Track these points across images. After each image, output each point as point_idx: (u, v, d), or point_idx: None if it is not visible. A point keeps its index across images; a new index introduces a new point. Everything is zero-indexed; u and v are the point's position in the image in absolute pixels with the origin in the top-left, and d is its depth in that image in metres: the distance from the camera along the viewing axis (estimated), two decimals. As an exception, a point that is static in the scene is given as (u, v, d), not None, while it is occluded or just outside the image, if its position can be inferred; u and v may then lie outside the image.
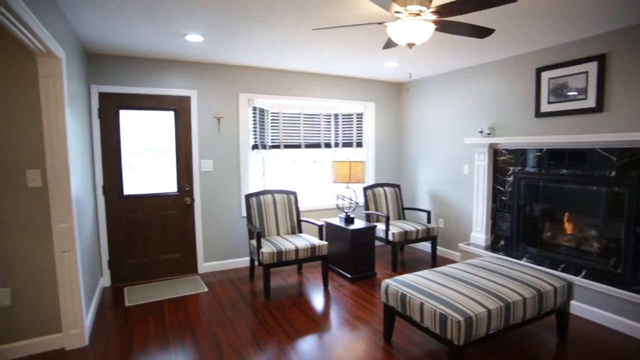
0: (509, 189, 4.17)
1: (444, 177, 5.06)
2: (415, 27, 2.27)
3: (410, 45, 2.39)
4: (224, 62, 4.34)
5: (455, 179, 4.89)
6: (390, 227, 4.53)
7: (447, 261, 4.85)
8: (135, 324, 3.19)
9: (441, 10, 2.24)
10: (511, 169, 4.13)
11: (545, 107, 3.81)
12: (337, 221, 4.45)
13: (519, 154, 4.03)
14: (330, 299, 3.71)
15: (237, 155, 4.58)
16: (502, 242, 4.28)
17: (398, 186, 5.28)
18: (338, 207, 4.83)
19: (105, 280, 4.07)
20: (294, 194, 4.45)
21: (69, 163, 2.73)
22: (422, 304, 2.44)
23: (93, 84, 3.88)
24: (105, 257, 4.04)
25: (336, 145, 5.39)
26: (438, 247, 5.18)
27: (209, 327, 3.14)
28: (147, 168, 4.24)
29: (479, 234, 4.42)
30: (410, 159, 5.64)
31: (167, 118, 4.25)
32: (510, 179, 4.15)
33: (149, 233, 4.21)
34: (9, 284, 2.66)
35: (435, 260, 4.81)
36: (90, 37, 3.39)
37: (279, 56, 4.12)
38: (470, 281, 2.70)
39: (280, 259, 3.68)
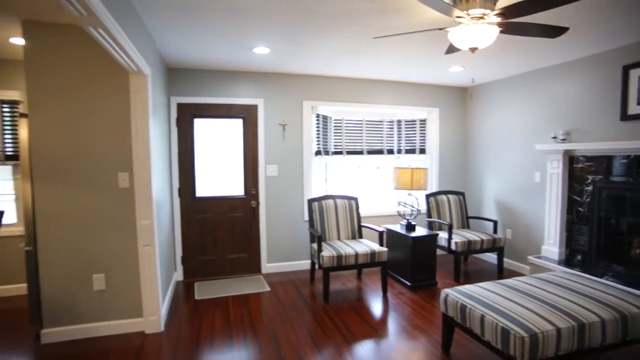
0: (587, 199, 3.84)
1: (512, 186, 4.79)
2: (478, 31, 2.22)
3: (473, 49, 2.33)
4: (289, 71, 4.54)
5: (524, 188, 4.60)
6: (453, 236, 4.38)
7: (514, 274, 4.57)
8: (204, 316, 3.44)
9: (506, 12, 2.17)
10: (590, 177, 3.80)
11: (634, 109, 3.46)
12: (398, 228, 4.41)
13: (601, 161, 3.70)
14: (388, 305, 3.68)
15: (300, 160, 4.75)
16: (579, 257, 3.94)
17: (462, 194, 5.09)
18: (399, 214, 4.79)
19: (178, 275, 4.44)
20: (355, 199, 4.50)
21: (152, 167, 3.06)
22: (482, 316, 2.35)
23: (172, 96, 4.28)
24: (179, 253, 4.41)
25: (399, 151, 5.34)
26: (505, 259, 4.89)
27: (270, 324, 3.29)
28: (217, 172, 4.56)
29: (552, 247, 4.11)
30: (475, 165, 5.41)
31: (236, 125, 4.55)
32: (589, 188, 3.81)
33: (217, 233, 4.51)
34: (104, 271, 3.05)
35: (501, 273, 4.56)
36: (171, 55, 3.75)
37: (342, 64, 4.22)
38: (538, 296, 2.54)
39: (340, 263, 3.74)
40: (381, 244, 4.05)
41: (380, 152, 5.24)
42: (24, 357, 2.80)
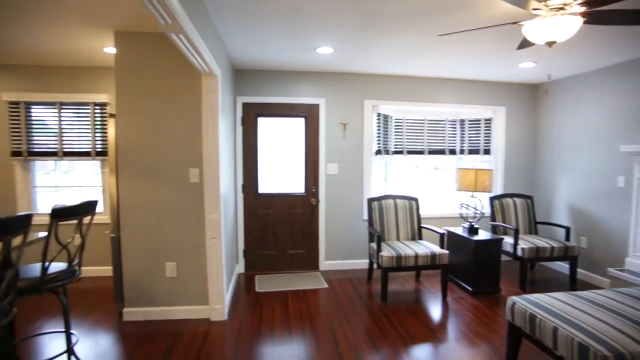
0: (682, 208, 3.43)
1: (589, 190, 4.41)
2: (558, 23, 2.08)
3: (551, 43, 2.19)
4: (351, 70, 4.56)
5: (605, 193, 4.22)
6: (520, 242, 4.14)
7: (590, 286, 4.21)
8: (264, 308, 3.58)
9: (591, 0, 2.01)
10: (686, 183, 3.39)
11: None
12: (459, 230, 4.26)
13: (699, 166, 3.29)
14: (448, 310, 3.58)
15: (360, 159, 4.76)
16: (670, 272, 3.53)
17: (530, 197, 4.79)
18: (461, 216, 4.62)
19: (240, 267, 4.65)
20: (416, 200, 4.41)
21: (219, 164, 3.24)
22: (555, 329, 2.20)
23: (238, 96, 4.49)
24: (241, 247, 4.62)
25: (461, 152, 5.15)
26: (578, 270, 4.52)
27: (327, 320, 3.34)
28: (279, 170, 4.70)
29: (639, 259, 3.73)
30: (545, 167, 5.06)
31: (298, 124, 4.66)
32: (685, 195, 3.41)
33: (278, 229, 4.66)
34: (175, 259, 3.29)
35: (574, 284, 4.22)
36: (238, 56, 3.93)
37: (405, 63, 4.15)
38: (622, 312, 2.33)
39: (399, 264, 3.70)
40: (442, 246, 3.94)
41: (441, 152, 5.09)
42: (110, 330, 3.12)
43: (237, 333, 3.09)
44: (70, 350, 2.43)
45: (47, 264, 2.14)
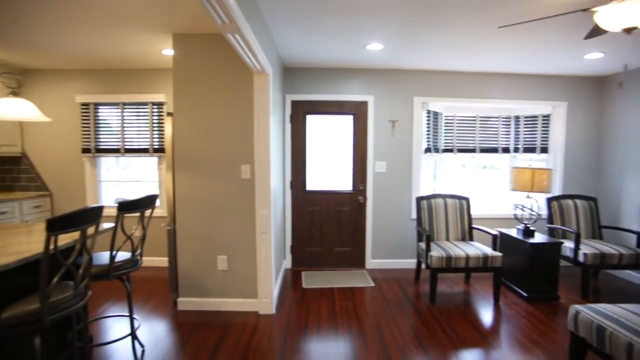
0: None
1: (665, 192, 4.03)
2: None
3: (630, 30, 2.01)
4: (400, 67, 4.48)
5: (683, 196, 3.84)
6: (582, 246, 3.87)
7: (665, 298, 3.86)
8: (311, 305, 3.62)
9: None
10: None
11: None
12: (513, 232, 4.06)
13: None
14: (501, 315, 3.42)
15: (409, 157, 4.67)
16: None
17: (594, 199, 4.46)
18: (515, 217, 4.40)
19: (287, 263, 4.73)
20: (467, 199, 4.26)
21: (270, 161, 3.30)
22: (630, 344, 2.03)
23: (287, 93, 4.56)
24: (288, 242, 4.70)
25: (515, 150, 4.90)
26: (651, 279, 4.16)
27: (374, 319, 3.31)
28: (327, 167, 4.72)
29: None
30: (612, 167, 4.68)
31: (346, 122, 4.65)
32: None
33: (324, 226, 4.69)
34: (226, 253, 3.41)
35: (646, 294, 3.89)
36: (288, 54, 3.99)
37: (457, 58, 4.01)
38: (703, 326, 2.11)
39: (449, 265, 3.59)
40: (494, 248, 3.78)
41: (494, 150, 4.87)
42: (165, 317, 3.29)
43: (284, 327, 3.15)
44: (133, 334, 2.60)
45: (114, 252, 2.30)
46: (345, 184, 4.70)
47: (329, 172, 4.72)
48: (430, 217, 4.16)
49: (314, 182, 4.70)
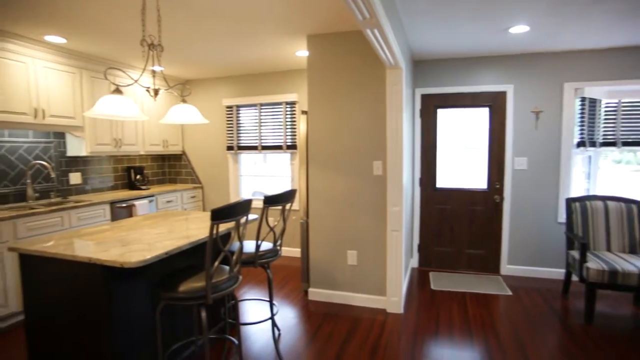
0: None
1: None
2: None
3: None
4: (548, 49, 3.92)
5: None
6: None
7: None
8: (441, 308, 3.44)
9: None
10: None
11: None
12: None
13: None
14: (690, 349, 2.75)
15: (557, 153, 4.08)
16: None
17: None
18: None
19: (414, 262, 4.59)
20: (637, 203, 3.54)
21: (403, 157, 3.23)
22: None
23: (417, 87, 4.40)
24: (416, 241, 4.56)
25: None
26: None
27: (515, 334, 2.98)
28: (459, 163, 4.43)
29: None
30: None
31: (480, 115, 4.29)
32: None
33: (455, 225, 4.42)
34: (356, 248, 3.46)
35: None
36: (418, 47, 3.83)
37: (623, 29, 3.33)
38: None
39: (613, 281, 3.03)
40: (679, 266, 3.05)
41: (677, 143, 3.93)
42: (297, 305, 3.51)
43: (413, 328, 3.06)
44: (272, 318, 2.82)
45: (259, 242, 2.51)
46: (479, 181, 4.34)
47: (460, 169, 4.42)
48: (585, 221, 3.57)
49: (445, 179, 4.46)
